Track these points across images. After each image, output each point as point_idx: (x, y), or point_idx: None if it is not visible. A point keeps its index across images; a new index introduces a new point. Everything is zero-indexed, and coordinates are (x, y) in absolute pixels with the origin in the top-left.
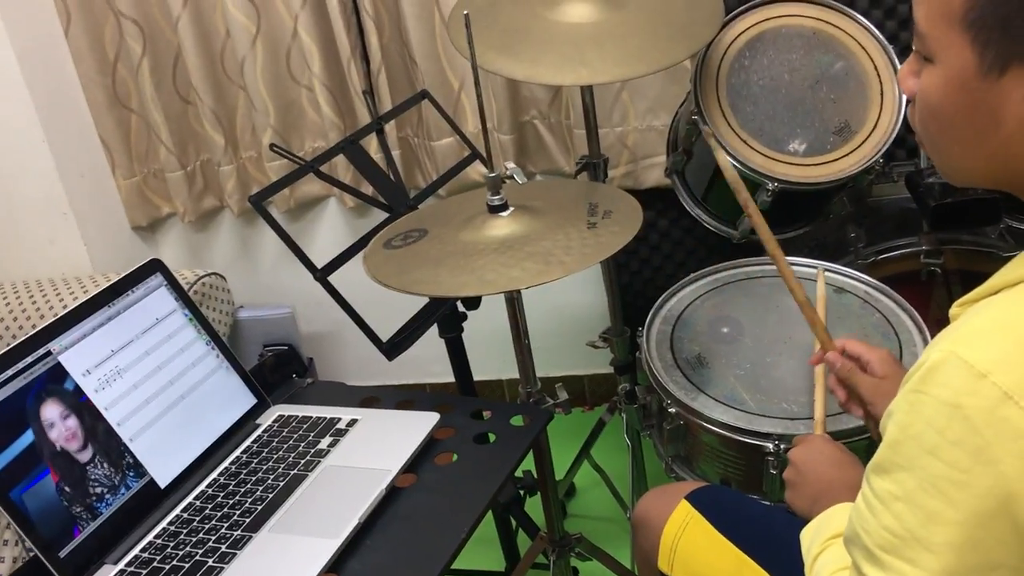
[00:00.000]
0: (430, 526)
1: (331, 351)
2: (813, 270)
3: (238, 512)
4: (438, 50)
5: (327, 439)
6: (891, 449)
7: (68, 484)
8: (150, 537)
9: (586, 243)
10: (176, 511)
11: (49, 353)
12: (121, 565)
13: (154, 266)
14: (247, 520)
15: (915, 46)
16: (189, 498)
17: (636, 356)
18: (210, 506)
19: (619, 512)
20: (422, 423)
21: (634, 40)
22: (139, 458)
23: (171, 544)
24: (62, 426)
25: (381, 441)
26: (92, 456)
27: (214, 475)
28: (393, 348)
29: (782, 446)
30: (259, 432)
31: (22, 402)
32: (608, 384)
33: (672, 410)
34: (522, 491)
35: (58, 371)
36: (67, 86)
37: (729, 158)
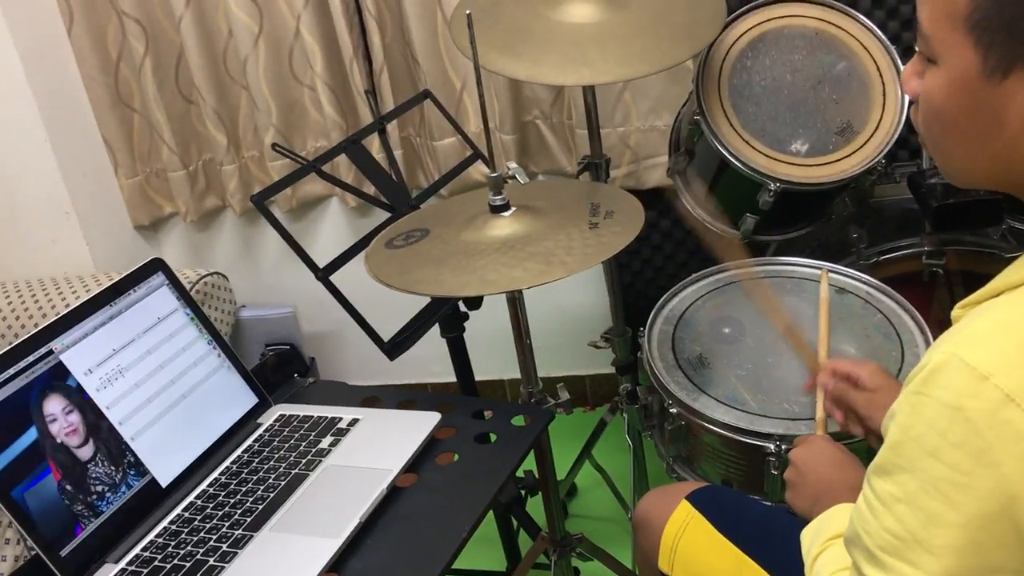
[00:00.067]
0: (431, 526)
1: (333, 351)
2: (816, 271)
3: (239, 511)
4: (440, 50)
5: (328, 439)
6: (893, 450)
7: (69, 483)
8: (151, 536)
9: (588, 243)
10: (177, 510)
11: (51, 352)
12: (122, 564)
13: (156, 265)
14: (248, 519)
15: (918, 47)
16: (190, 497)
17: (638, 356)
18: (211, 505)
19: (620, 512)
20: (423, 423)
21: (636, 40)
22: (140, 457)
23: (172, 543)
24: (64, 420)
25: (382, 441)
26: (93, 454)
27: (215, 474)
28: (394, 348)
29: (783, 446)
30: (260, 431)
31: (24, 401)
32: (610, 384)
33: (673, 410)
34: (523, 491)
35: (60, 370)
36: (70, 86)
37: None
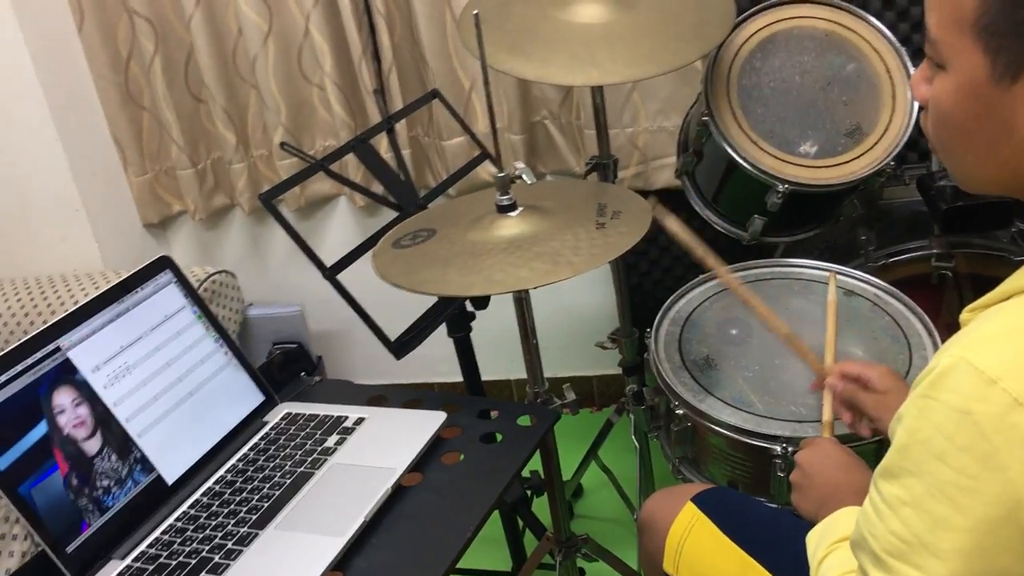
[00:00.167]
0: (436, 525)
1: (340, 349)
2: (825, 273)
3: (245, 509)
4: (449, 50)
5: (334, 437)
6: (899, 454)
7: (76, 479)
8: (157, 533)
9: (595, 243)
10: (183, 507)
11: (58, 349)
12: (128, 560)
13: (163, 263)
14: (253, 517)
15: (927, 52)
16: (196, 495)
17: (644, 357)
18: (217, 503)
19: (626, 513)
20: (429, 422)
21: (645, 41)
22: (147, 454)
23: (178, 540)
24: (72, 413)
25: (388, 440)
26: (100, 449)
27: (221, 472)
28: (401, 347)
29: (790, 449)
30: (266, 430)
31: (31, 398)
32: (617, 385)
33: (680, 412)
34: (529, 491)
35: (67, 367)
36: (80, 84)
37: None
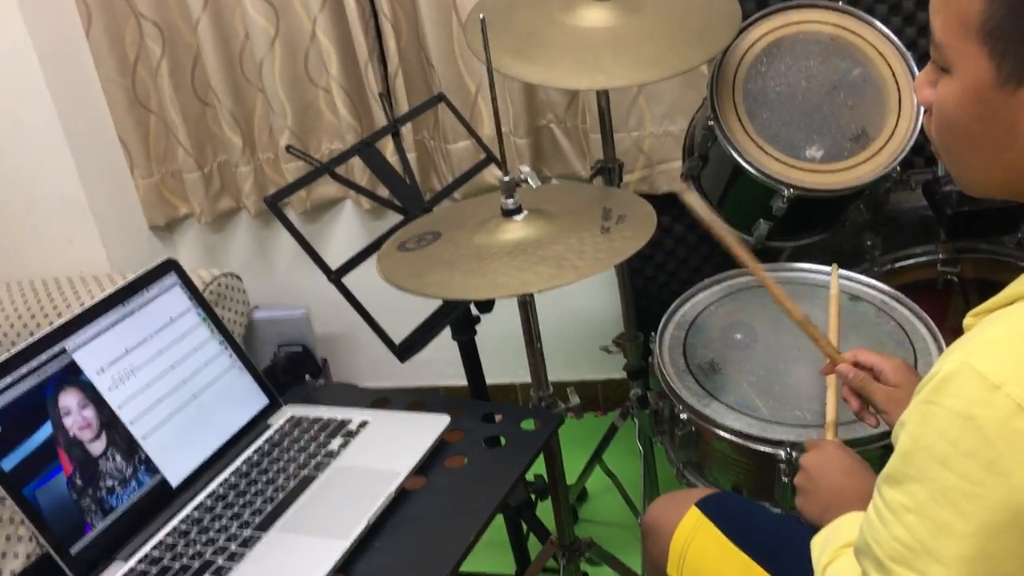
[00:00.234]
0: (439, 528)
1: (346, 352)
2: (827, 268)
3: (248, 511)
4: (455, 53)
5: (338, 440)
6: (903, 460)
7: (80, 480)
8: (161, 535)
9: (599, 247)
10: (187, 510)
11: (63, 351)
12: (132, 563)
13: (168, 266)
14: (257, 520)
15: (932, 55)
16: (200, 497)
17: (649, 361)
18: (220, 505)
19: (631, 518)
20: (432, 425)
21: (650, 45)
22: (151, 456)
23: (181, 542)
24: (79, 415)
25: (391, 443)
26: (104, 451)
27: (225, 474)
28: (405, 350)
29: (794, 454)
30: (270, 432)
31: (36, 399)
32: (622, 389)
33: (684, 416)
34: (533, 495)
35: (72, 369)
36: (87, 87)
37: (743, 163)
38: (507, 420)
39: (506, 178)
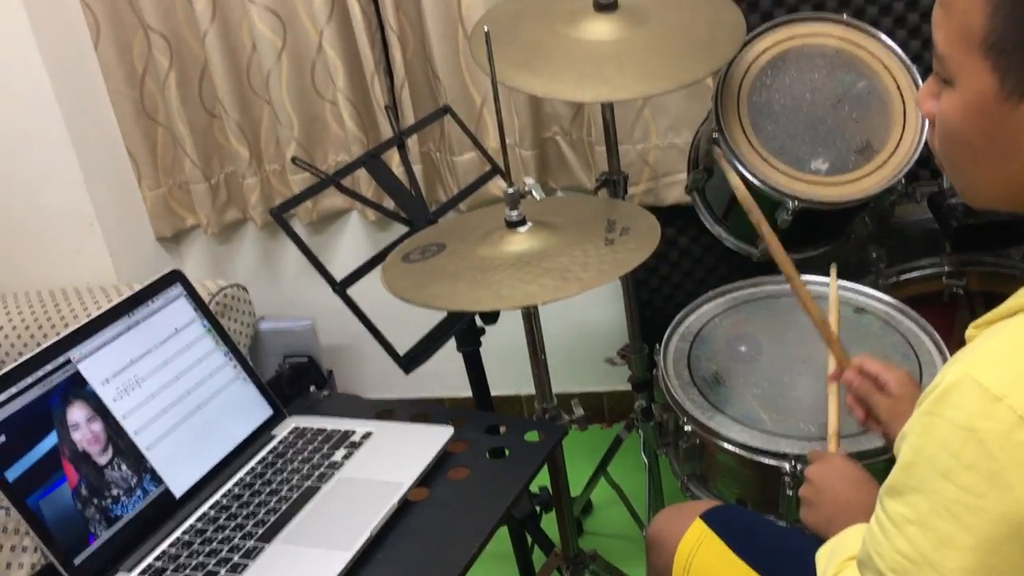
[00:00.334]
0: (442, 540)
1: (351, 363)
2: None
3: (251, 523)
4: (461, 66)
5: (341, 451)
6: (905, 472)
7: (84, 491)
8: (164, 546)
9: (603, 260)
10: (190, 521)
11: (69, 361)
12: (135, 573)
13: (174, 277)
14: (260, 531)
15: (935, 68)
16: (203, 508)
17: (654, 373)
18: (224, 516)
19: (636, 530)
20: (436, 437)
21: (655, 57)
22: (155, 467)
23: (184, 553)
24: (87, 429)
25: (395, 454)
26: (108, 462)
27: (229, 485)
28: (410, 362)
29: (799, 466)
30: (274, 443)
31: (41, 410)
32: (627, 401)
33: (688, 428)
34: (538, 507)
35: (77, 379)
36: (95, 98)
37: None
38: (511, 432)
39: (510, 190)
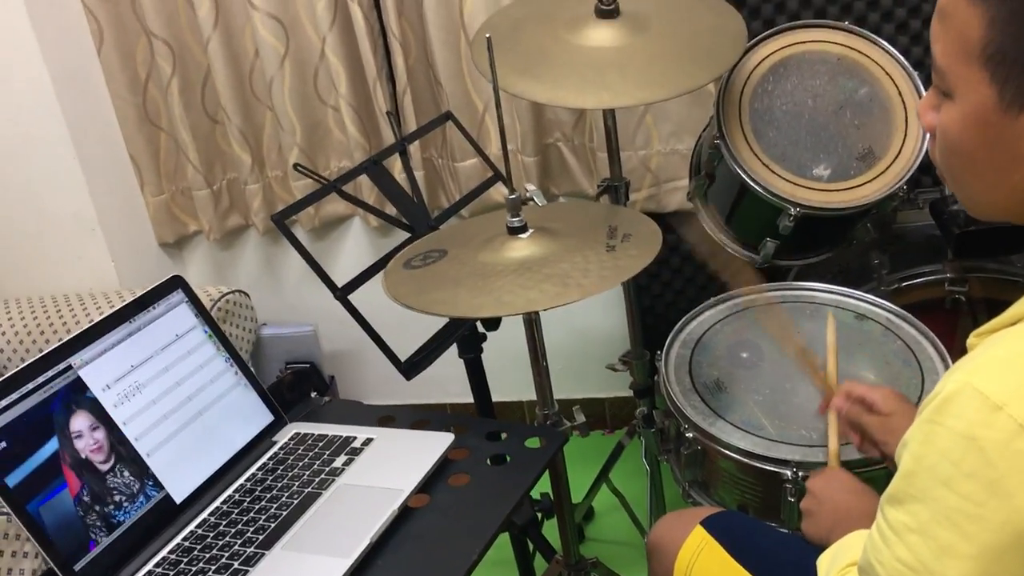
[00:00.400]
0: (442, 547)
1: (353, 369)
2: (838, 297)
3: (252, 529)
4: (463, 72)
5: (342, 457)
6: (905, 480)
7: (85, 497)
8: (164, 552)
9: (604, 266)
10: (191, 527)
11: (70, 367)
12: None
13: (175, 283)
14: (260, 537)
15: (934, 81)
16: (204, 514)
17: (655, 379)
18: (224, 522)
19: (637, 537)
20: (437, 443)
21: (656, 64)
22: (155, 473)
23: (184, 560)
24: (90, 437)
25: (395, 461)
26: (109, 468)
27: (229, 491)
28: (411, 368)
29: (800, 473)
30: (275, 449)
31: (41, 416)
32: (629, 407)
33: (689, 435)
34: (540, 513)
35: (78, 385)
36: (99, 105)
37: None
38: (512, 438)
39: (511, 196)
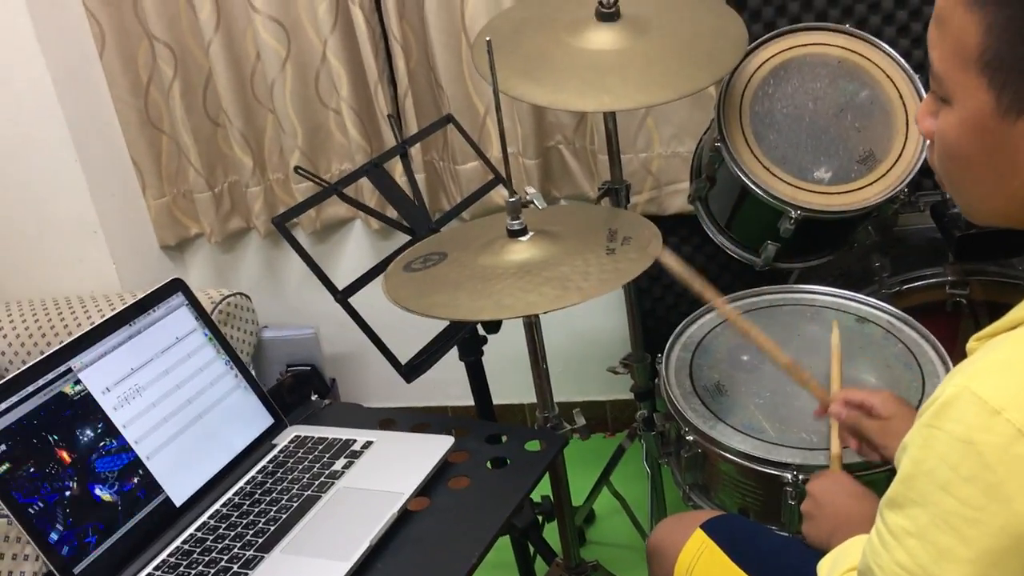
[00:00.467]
0: (442, 550)
1: (354, 372)
2: (838, 300)
3: (251, 532)
4: (464, 75)
5: (342, 460)
6: (904, 484)
7: (85, 500)
8: (164, 555)
9: (604, 269)
10: (190, 530)
11: (70, 370)
12: None
13: (176, 285)
14: (260, 540)
15: (932, 87)
16: (203, 517)
17: (656, 382)
18: (224, 525)
19: (638, 539)
20: (436, 446)
21: (657, 67)
22: (155, 476)
23: (184, 563)
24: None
25: (395, 463)
26: (109, 473)
27: (229, 494)
28: (412, 370)
29: (800, 476)
30: (275, 452)
31: (41, 417)
32: (630, 410)
33: (690, 438)
34: (541, 516)
35: (78, 388)
36: (100, 107)
37: (750, 184)
38: (512, 441)
39: (511, 199)
